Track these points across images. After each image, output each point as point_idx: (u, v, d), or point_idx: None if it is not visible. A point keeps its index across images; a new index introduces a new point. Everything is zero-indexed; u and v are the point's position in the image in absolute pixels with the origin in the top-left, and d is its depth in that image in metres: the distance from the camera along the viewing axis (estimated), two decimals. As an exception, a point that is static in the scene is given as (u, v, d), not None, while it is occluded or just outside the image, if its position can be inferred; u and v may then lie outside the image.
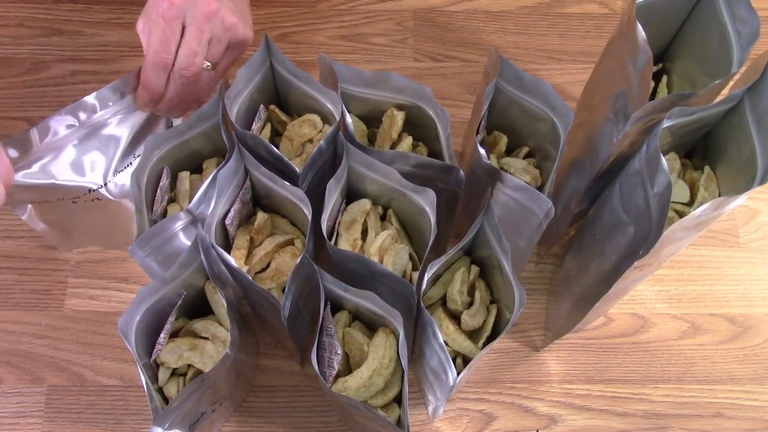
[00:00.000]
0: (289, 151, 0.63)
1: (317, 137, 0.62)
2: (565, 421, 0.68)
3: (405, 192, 0.57)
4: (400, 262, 0.57)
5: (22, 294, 0.71)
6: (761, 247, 0.76)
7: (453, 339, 0.55)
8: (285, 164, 0.57)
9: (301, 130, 0.62)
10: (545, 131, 0.61)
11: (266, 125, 0.64)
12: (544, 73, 0.83)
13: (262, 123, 0.62)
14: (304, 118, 0.62)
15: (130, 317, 0.52)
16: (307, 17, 0.85)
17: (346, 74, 0.60)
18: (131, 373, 0.68)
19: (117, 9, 0.84)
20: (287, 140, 0.63)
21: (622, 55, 0.57)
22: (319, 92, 0.60)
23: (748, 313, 0.73)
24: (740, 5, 0.55)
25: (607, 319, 0.72)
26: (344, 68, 0.60)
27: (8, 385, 0.68)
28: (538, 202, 0.56)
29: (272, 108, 0.64)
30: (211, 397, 0.56)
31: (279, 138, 0.64)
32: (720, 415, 0.69)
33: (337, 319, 0.57)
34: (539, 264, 0.75)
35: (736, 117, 0.56)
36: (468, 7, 0.86)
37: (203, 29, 0.55)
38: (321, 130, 0.62)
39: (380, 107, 0.62)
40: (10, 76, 0.79)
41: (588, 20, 0.86)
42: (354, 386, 0.53)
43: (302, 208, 0.57)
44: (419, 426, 0.68)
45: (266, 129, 0.63)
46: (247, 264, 0.58)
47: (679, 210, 0.59)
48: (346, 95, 0.62)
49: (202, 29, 0.55)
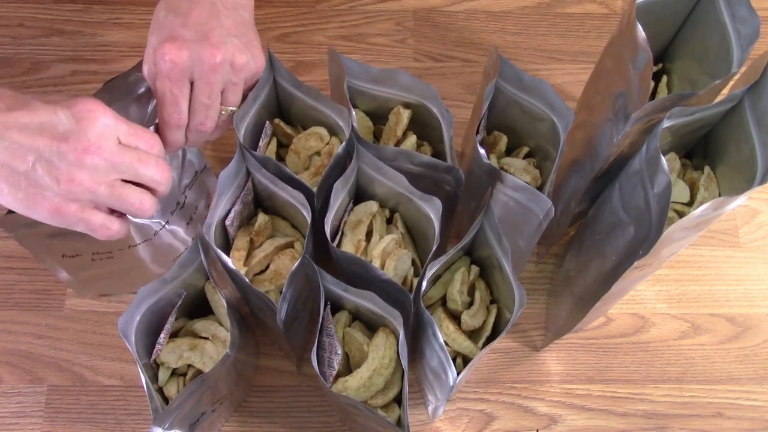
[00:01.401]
0: (296, 164, 0.63)
1: (324, 149, 0.62)
2: (565, 421, 0.68)
3: (412, 198, 0.57)
4: (402, 267, 0.57)
5: (22, 294, 0.71)
6: (761, 247, 0.76)
7: (453, 339, 0.55)
8: (299, 184, 0.57)
9: (307, 143, 0.62)
10: (545, 131, 0.61)
11: (272, 140, 0.64)
12: (544, 73, 0.83)
13: (268, 139, 0.62)
14: (311, 131, 0.62)
15: (130, 317, 0.52)
16: (307, 17, 0.85)
17: (354, 69, 0.60)
18: (131, 373, 0.68)
19: (117, 9, 0.84)
20: (293, 153, 0.63)
21: (622, 55, 0.57)
22: (324, 104, 0.60)
23: (748, 313, 0.73)
24: (740, 5, 0.55)
25: (607, 319, 0.72)
26: (353, 63, 0.60)
27: (8, 385, 0.68)
28: (538, 202, 0.56)
29: (276, 121, 0.64)
30: (211, 397, 0.56)
31: (284, 150, 0.64)
32: (720, 415, 0.69)
33: (337, 319, 0.57)
34: (539, 264, 0.75)
35: (736, 117, 0.56)
36: (468, 7, 0.86)
37: (212, 81, 0.52)
38: (328, 142, 0.62)
39: (387, 104, 0.63)
40: (10, 76, 0.79)
41: (588, 20, 0.86)
42: (354, 386, 0.53)
43: (302, 211, 0.57)
44: (419, 426, 0.68)
45: (272, 143, 0.63)
46: (246, 265, 0.58)
47: (679, 210, 0.59)
48: (353, 90, 0.62)
49: (211, 81, 0.52)
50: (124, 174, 0.48)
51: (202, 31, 0.52)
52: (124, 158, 0.48)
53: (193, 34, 0.51)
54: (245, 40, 0.55)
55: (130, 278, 0.68)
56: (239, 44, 0.53)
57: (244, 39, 0.55)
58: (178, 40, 0.51)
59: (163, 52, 0.50)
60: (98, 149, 0.46)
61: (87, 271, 0.64)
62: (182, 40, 0.51)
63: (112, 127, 0.47)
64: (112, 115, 0.48)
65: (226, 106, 0.55)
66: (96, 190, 0.47)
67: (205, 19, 0.52)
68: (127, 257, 0.63)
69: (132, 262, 0.64)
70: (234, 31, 0.54)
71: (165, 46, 0.51)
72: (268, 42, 0.83)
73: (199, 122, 0.54)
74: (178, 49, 0.50)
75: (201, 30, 0.52)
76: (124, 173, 0.48)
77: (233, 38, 0.53)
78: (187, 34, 0.51)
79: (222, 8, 0.54)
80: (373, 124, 0.65)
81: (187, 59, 0.51)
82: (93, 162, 0.46)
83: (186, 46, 0.51)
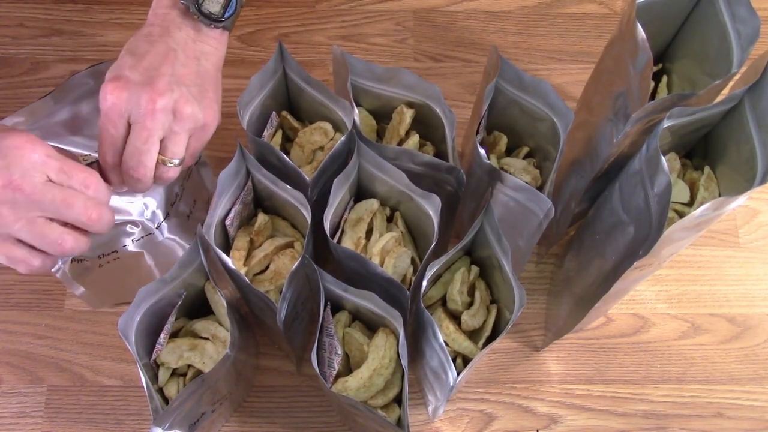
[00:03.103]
0: (300, 158, 0.63)
1: (328, 145, 0.62)
2: (565, 421, 0.68)
3: (412, 196, 0.57)
4: (401, 265, 0.57)
5: (22, 294, 0.71)
6: (761, 247, 0.76)
7: (453, 339, 0.55)
8: (296, 173, 0.57)
9: (312, 137, 0.62)
10: (545, 131, 0.61)
11: (278, 131, 0.64)
12: (544, 73, 0.83)
13: (273, 130, 0.63)
14: (316, 125, 0.62)
15: (130, 317, 0.52)
16: (307, 17, 0.85)
17: (358, 67, 0.60)
18: (131, 373, 0.68)
19: (117, 9, 0.84)
20: (298, 147, 0.63)
21: (622, 55, 0.57)
22: (331, 100, 0.60)
23: (748, 313, 0.73)
24: (740, 5, 0.55)
25: (607, 319, 0.72)
26: (357, 61, 0.60)
27: (8, 385, 0.68)
28: (538, 202, 0.56)
29: (284, 114, 0.64)
30: (211, 398, 0.56)
31: (290, 144, 0.64)
32: (720, 415, 0.69)
33: (337, 319, 0.57)
34: (539, 264, 0.75)
35: (736, 117, 0.56)
36: (468, 7, 0.86)
37: (149, 126, 0.51)
38: (332, 138, 0.62)
39: (390, 103, 0.63)
40: (10, 76, 0.79)
41: (588, 20, 0.86)
42: (354, 386, 0.53)
43: (303, 212, 0.57)
44: (419, 426, 0.68)
45: (278, 135, 0.63)
46: (246, 265, 0.58)
47: (679, 210, 0.59)
48: (357, 88, 0.62)
49: (148, 127, 0.51)
50: (46, 212, 0.48)
51: (150, 75, 0.51)
52: (47, 196, 0.48)
53: (139, 77, 0.51)
54: (198, 91, 0.53)
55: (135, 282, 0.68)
56: (187, 94, 0.52)
57: (197, 90, 0.54)
58: (122, 81, 0.50)
59: (105, 90, 0.50)
60: (19, 185, 0.47)
61: (97, 277, 0.64)
62: (126, 81, 0.50)
63: (40, 164, 0.47)
64: (44, 152, 0.48)
65: (167, 157, 0.53)
66: (13, 225, 0.47)
67: (157, 65, 0.52)
68: (132, 256, 0.63)
69: (136, 261, 0.64)
70: (186, 81, 0.53)
71: (108, 85, 0.50)
72: (268, 42, 0.83)
73: (131, 167, 0.52)
74: (119, 89, 0.50)
75: (149, 74, 0.51)
76: (47, 211, 0.48)
77: (183, 87, 0.52)
78: (133, 76, 0.51)
79: (181, 56, 0.53)
80: (376, 123, 0.65)
81: (126, 101, 0.50)
82: (14, 197, 0.47)
83: (127, 88, 0.50)
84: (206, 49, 0.55)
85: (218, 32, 0.56)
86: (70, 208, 0.49)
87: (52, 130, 0.59)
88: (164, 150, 0.53)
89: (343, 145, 0.58)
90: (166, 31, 0.53)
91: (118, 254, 0.62)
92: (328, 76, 0.81)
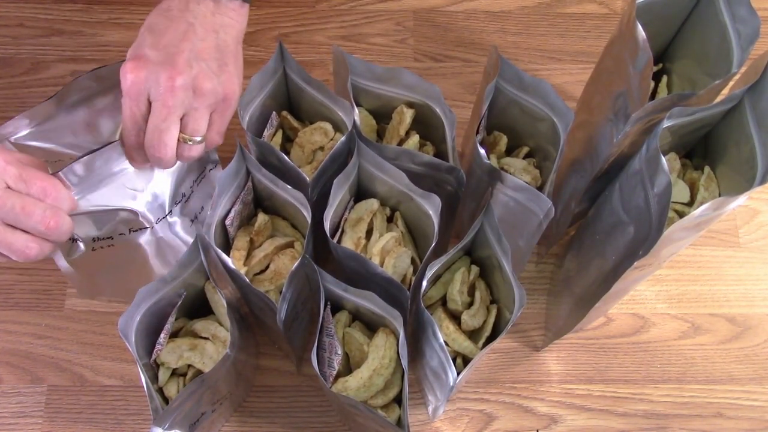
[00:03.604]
0: (300, 158, 0.63)
1: (328, 145, 0.62)
2: (565, 421, 0.68)
3: (412, 196, 0.57)
4: (401, 265, 0.57)
5: (22, 294, 0.71)
6: (761, 247, 0.76)
7: (453, 339, 0.55)
8: (296, 173, 0.57)
9: (312, 137, 0.62)
10: (545, 131, 0.61)
11: (278, 131, 0.64)
12: (544, 73, 0.83)
13: (274, 130, 0.63)
14: (316, 125, 0.62)
15: (130, 317, 0.52)
16: (307, 17, 0.85)
17: (358, 67, 0.60)
18: (131, 373, 0.68)
19: (117, 9, 0.84)
20: (298, 147, 0.63)
21: (622, 56, 0.57)
22: (332, 100, 0.60)
23: (748, 313, 0.73)
24: (740, 5, 0.55)
25: (607, 319, 0.72)
26: (357, 61, 0.60)
27: (8, 385, 0.68)
28: (538, 202, 0.56)
29: (284, 114, 0.64)
30: (211, 398, 0.56)
31: (290, 144, 0.64)
32: (720, 415, 0.69)
33: (337, 319, 0.57)
34: (539, 264, 0.75)
35: (736, 117, 0.56)
36: (468, 7, 0.86)
37: (169, 104, 0.50)
38: (332, 138, 0.62)
39: (391, 103, 0.63)
40: (10, 76, 0.79)
41: (588, 20, 0.86)
42: (354, 386, 0.53)
43: (303, 212, 0.57)
44: (419, 426, 0.68)
45: (278, 135, 0.63)
46: (246, 265, 0.58)
47: (679, 210, 0.59)
48: (357, 88, 0.62)
49: (168, 105, 0.50)
50: (5, 219, 0.49)
51: (169, 53, 0.51)
52: (6, 203, 0.48)
53: (158, 56, 0.51)
54: (217, 66, 0.53)
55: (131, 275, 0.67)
56: (206, 69, 0.52)
57: (217, 64, 0.53)
58: (141, 60, 0.51)
59: (125, 69, 0.50)
60: None
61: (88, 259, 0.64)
62: (145, 59, 0.51)
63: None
64: (2, 159, 0.48)
65: (188, 135, 0.53)
66: None
67: (176, 41, 0.52)
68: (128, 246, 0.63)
69: (133, 252, 0.64)
70: (205, 56, 0.53)
71: (128, 64, 0.51)
72: (268, 42, 0.83)
73: (152, 146, 0.52)
74: (138, 68, 0.50)
75: (168, 52, 0.51)
76: (5, 218, 0.49)
77: (202, 63, 0.52)
78: (153, 54, 0.51)
79: (199, 30, 0.53)
80: (376, 123, 0.65)
81: (145, 79, 0.50)
82: None
83: (146, 67, 0.50)
84: (225, 21, 0.55)
85: (237, 4, 0.55)
86: (29, 217, 0.49)
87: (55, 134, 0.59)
88: (185, 127, 0.53)
89: (343, 145, 0.58)
90: (185, 4, 0.53)
91: (113, 241, 0.62)
92: (328, 76, 0.81)
